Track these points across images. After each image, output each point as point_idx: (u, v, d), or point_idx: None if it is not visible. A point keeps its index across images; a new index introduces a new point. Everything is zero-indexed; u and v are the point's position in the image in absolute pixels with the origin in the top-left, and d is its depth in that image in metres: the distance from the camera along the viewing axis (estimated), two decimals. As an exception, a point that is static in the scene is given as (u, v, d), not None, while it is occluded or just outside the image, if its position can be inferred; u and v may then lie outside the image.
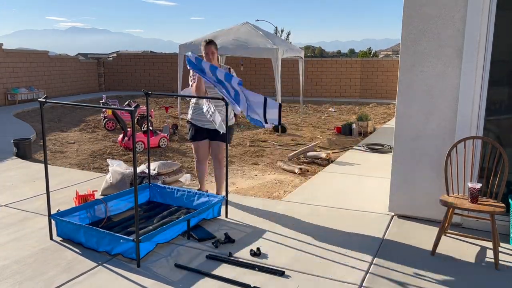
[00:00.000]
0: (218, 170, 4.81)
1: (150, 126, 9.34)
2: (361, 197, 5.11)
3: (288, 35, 31.50)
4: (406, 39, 4.20)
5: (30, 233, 4.00)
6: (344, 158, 7.28)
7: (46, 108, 11.06)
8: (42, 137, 3.87)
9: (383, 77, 18.07)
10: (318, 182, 5.78)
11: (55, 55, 17.72)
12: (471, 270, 3.36)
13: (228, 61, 17.31)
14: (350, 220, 4.36)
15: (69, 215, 3.96)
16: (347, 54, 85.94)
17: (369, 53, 38.44)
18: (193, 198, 4.58)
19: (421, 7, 4.09)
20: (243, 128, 10.37)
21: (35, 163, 6.64)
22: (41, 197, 5.00)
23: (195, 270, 3.30)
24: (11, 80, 14.45)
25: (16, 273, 3.27)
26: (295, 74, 18.11)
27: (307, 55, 38.86)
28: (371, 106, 15.75)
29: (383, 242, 3.85)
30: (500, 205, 3.46)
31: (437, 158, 4.23)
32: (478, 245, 3.82)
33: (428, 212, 4.34)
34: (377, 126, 10.88)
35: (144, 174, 5.18)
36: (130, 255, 3.44)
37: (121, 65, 20.28)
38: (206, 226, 4.14)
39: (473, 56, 3.95)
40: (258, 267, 3.33)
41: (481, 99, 4.02)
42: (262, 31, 10.90)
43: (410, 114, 4.28)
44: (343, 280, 3.19)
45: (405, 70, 4.24)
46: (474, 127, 4.06)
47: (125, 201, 4.54)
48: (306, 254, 3.60)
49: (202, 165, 4.86)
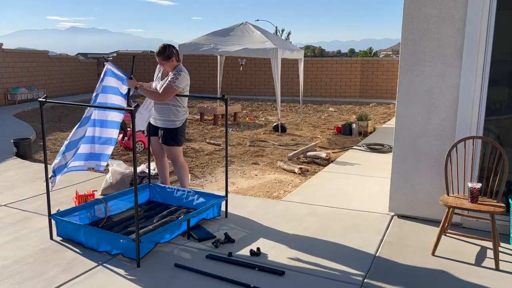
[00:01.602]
0: (174, 168, 4.90)
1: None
2: (361, 197, 5.11)
3: (288, 35, 31.46)
4: (406, 39, 4.20)
5: (30, 233, 4.00)
6: (344, 158, 7.28)
7: (46, 108, 11.04)
8: (42, 137, 3.87)
9: (383, 77, 18.06)
10: (318, 182, 5.78)
11: (55, 55, 17.71)
12: (471, 270, 3.36)
13: (228, 61, 17.34)
14: (350, 220, 4.36)
15: (69, 215, 3.96)
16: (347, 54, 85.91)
17: (369, 53, 38.39)
18: (193, 198, 4.57)
19: (421, 7, 4.09)
20: (243, 128, 10.37)
21: (35, 163, 6.64)
22: (41, 197, 5.00)
23: (195, 270, 3.30)
24: (11, 80, 14.44)
25: (16, 273, 3.27)
26: (295, 74, 18.10)
27: (307, 55, 38.84)
28: (371, 106, 15.75)
29: (383, 242, 3.85)
30: (500, 205, 3.46)
31: (437, 158, 4.23)
32: (478, 245, 3.82)
33: (428, 212, 4.34)
34: (377, 126, 10.88)
35: (144, 174, 5.18)
36: (130, 255, 3.44)
37: (121, 65, 20.27)
38: (206, 226, 4.15)
39: (473, 56, 3.95)
40: (258, 267, 3.33)
41: (481, 99, 4.02)
42: (262, 31, 10.90)
43: (410, 114, 4.28)
44: (343, 280, 3.19)
45: (405, 70, 4.24)
46: (474, 127, 4.06)
47: (125, 201, 4.54)
48: (306, 254, 3.60)
49: (156, 160, 4.93)
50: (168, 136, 4.61)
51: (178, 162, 4.75)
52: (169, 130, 4.59)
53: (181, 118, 4.64)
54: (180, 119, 4.62)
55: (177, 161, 4.74)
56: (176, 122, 4.60)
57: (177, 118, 4.59)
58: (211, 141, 8.64)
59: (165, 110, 4.56)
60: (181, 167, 4.79)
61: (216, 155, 7.60)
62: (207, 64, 19.54)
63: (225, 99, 4.22)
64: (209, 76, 19.35)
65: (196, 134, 9.63)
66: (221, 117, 11.54)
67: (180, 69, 4.53)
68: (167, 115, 4.56)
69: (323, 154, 7.02)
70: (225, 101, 4.25)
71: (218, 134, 9.66)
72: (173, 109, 4.55)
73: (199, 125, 10.77)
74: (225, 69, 17.77)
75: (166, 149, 4.68)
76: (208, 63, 19.50)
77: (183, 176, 4.82)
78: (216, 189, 5.49)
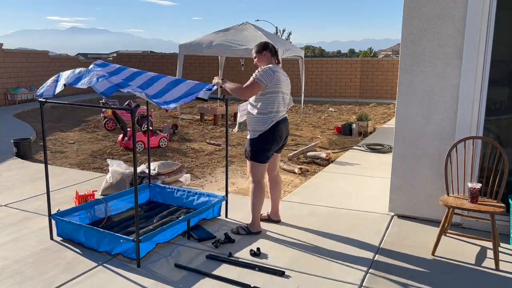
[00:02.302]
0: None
1: (150, 126, 9.34)
2: (361, 197, 5.11)
3: (289, 35, 31.41)
4: (406, 39, 4.20)
5: (30, 233, 4.00)
6: (344, 158, 7.28)
7: (46, 108, 11.05)
8: (42, 137, 3.87)
9: (383, 77, 18.06)
10: (318, 182, 5.78)
11: (55, 55, 17.71)
12: (471, 270, 3.36)
13: (228, 61, 17.33)
14: (350, 220, 4.36)
15: (69, 215, 3.97)
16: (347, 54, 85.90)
17: (369, 53, 38.37)
18: (193, 198, 4.58)
19: (421, 7, 4.09)
20: (243, 128, 10.37)
21: (35, 163, 6.64)
22: (41, 197, 5.00)
23: (195, 270, 3.30)
24: (11, 80, 14.44)
25: (16, 273, 3.27)
26: (295, 74, 18.10)
27: (307, 55, 38.82)
28: (371, 106, 15.75)
29: (383, 242, 3.85)
30: (500, 205, 3.45)
31: (437, 158, 4.23)
32: (478, 245, 3.82)
33: (428, 212, 4.34)
34: (377, 126, 10.87)
35: (144, 174, 5.18)
36: (130, 255, 3.44)
37: (121, 65, 20.28)
38: (206, 226, 4.14)
39: (473, 56, 3.95)
40: (258, 267, 3.33)
41: (481, 99, 4.02)
42: (262, 31, 10.90)
43: (410, 114, 4.28)
44: (343, 280, 3.19)
45: (405, 70, 4.24)
46: (474, 127, 4.06)
47: (125, 201, 4.54)
48: (306, 254, 3.60)
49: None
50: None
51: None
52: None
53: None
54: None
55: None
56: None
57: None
58: (211, 141, 8.64)
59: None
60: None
61: (216, 155, 7.60)
62: (207, 64, 19.54)
63: (226, 99, 4.23)
64: (210, 76, 19.34)
65: (196, 134, 9.64)
66: (221, 117, 11.55)
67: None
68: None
69: (323, 154, 7.02)
70: (226, 101, 4.26)
71: (218, 134, 9.66)
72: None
73: (199, 125, 10.77)
74: (225, 70, 17.77)
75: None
76: (208, 63, 19.50)
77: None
78: (216, 189, 5.49)
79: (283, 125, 3.96)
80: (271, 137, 3.88)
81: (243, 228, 4.01)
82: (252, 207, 3.99)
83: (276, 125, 3.88)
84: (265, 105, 3.86)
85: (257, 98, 3.90)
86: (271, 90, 3.85)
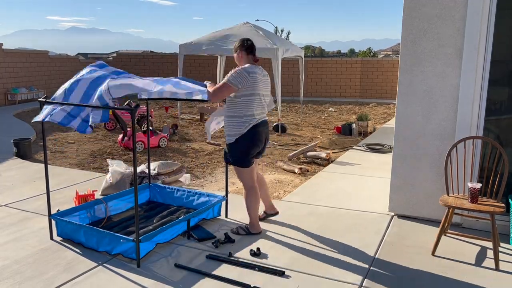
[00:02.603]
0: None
1: (150, 126, 9.34)
2: (361, 197, 5.11)
3: (288, 34, 31.43)
4: (406, 39, 4.20)
5: (30, 233, 4.00)
6: (344, 158, 7.28)
7: (46, 108, 11.03)
8: (42, 137, 3.87)
9: (383, 77, 18.06)
10: (318, 182, 5.78)
11: (55, 55, 17.71)
12: (471, 270, 3.36)
13: (228, 61, 17.33)
14: (350, 220, 4.36)
15: (69, 215, 3.97)
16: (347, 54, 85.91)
17: (369, 53, 38.40)
18: (193, 198, 4.58)
19: (421, 7, 4.09)
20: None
21: (35, 163, 6.64)
22: (41, 197, 5.00)
23: (195, 270, 3.30)
24: (11, 80, 14.44)
25: (16, 273, 3.27)
26: (295, 74, 18.11)
27: (307, 55, 38.84)
28: (371, 106, 15.75)
29: (383, 242, 3.85)
30: (500, 205, 3.45)
31: (437, 158, 4.23)
32: (478, 245, 3.82)
33: (428, 212, 4.34)
34: (377, 126, 10.87)
35: (144, 174, 5.18)
36: (130, 255, 3.44)
37: (121, 65, 20.26)
38: (206, 226, 4.14)
39: (473, 56, 3.95)
40: (258, 267, 3.33)
41: (481, 99, 4.02)
42: (262, 31, 10.90)
43: (410, 114, 4.28)
44: (343, 280, 3.19)
45: (405, 70, 4.24)
46: (474, 127, 4.06)
47: (125, 201, 4.54)
48: (306, 254, 3.60)
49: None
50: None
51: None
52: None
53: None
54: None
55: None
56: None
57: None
58: (211, 141, 8.64)
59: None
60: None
61: (216, 155, 7.60)
62: (207, 64, 19.54)
63: (225, 100, 4.22)
64: (210, 76, 19.34)
65: (196, 134, 9.64)
66: (221, 117, 11.54)
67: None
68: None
69: (323, 154, 7.02)
70: (225, 101, 4.25)
71: (218, 134, 9.66)
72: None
73: (199, 125, 10.77)
74: (225, 70, 17.76)
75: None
76: (208, 63, 19.50)
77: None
78: (216, 189, 5.49)
79: (262, 128, 3.82)
80: (249, 141, 3.75)
81: (243, 228, 4.01)
82: (249, 211, 3.98)
83: (253, 128, 3.73)
84: (241, 108, 3.72)
85: (232, 101, 3.76)
86: (247, 93, 3.70)
